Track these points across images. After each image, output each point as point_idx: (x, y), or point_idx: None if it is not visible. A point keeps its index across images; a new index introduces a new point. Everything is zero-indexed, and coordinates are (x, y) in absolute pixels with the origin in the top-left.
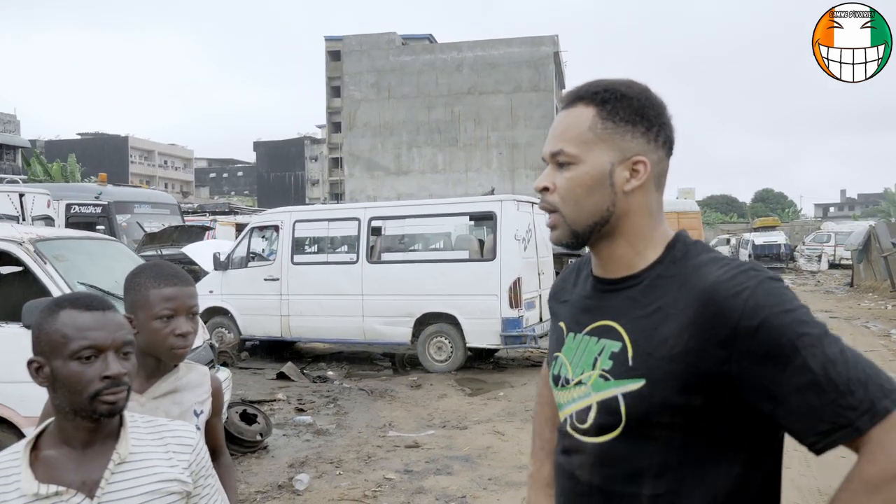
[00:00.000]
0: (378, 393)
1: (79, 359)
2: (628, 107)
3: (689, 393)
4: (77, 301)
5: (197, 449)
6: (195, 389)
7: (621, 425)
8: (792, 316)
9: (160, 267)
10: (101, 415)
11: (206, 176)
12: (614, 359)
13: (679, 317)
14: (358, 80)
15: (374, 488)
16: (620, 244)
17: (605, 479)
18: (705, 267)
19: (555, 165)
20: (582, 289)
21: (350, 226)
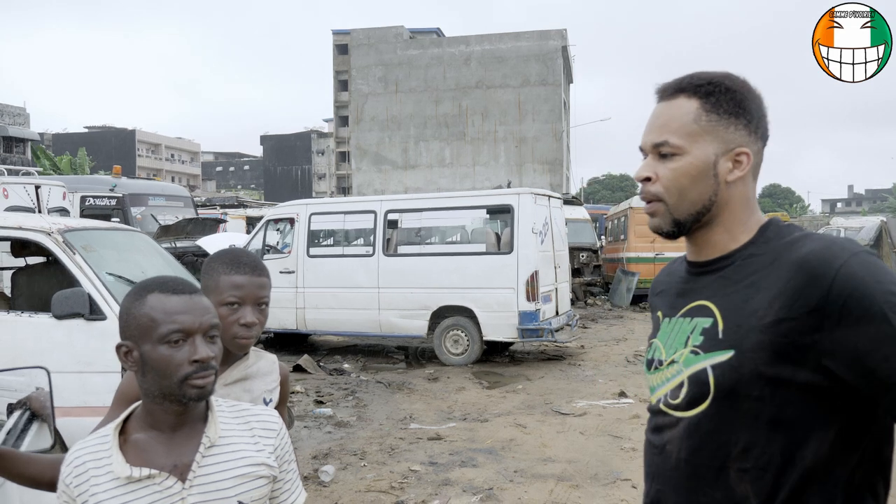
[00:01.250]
0: (396, 385)
1: (168, 342)
2: (731, 100)
3: (778, 363)
4: (164, 285)
5: (281, 434)
6: (265, 377)
7: (710, 397)
8: (884, 287)
9: (236, 254)
10: (190, 399)
11: (212, 170)
12: (705, 334)
13: (770, 288)
14: (365, 74)
15: (401, 480)
16: (718, 231)
17: (692, 452)
18: (799, 242)
19: (656, 156)
20: (676, 276)
21: (366, 219)
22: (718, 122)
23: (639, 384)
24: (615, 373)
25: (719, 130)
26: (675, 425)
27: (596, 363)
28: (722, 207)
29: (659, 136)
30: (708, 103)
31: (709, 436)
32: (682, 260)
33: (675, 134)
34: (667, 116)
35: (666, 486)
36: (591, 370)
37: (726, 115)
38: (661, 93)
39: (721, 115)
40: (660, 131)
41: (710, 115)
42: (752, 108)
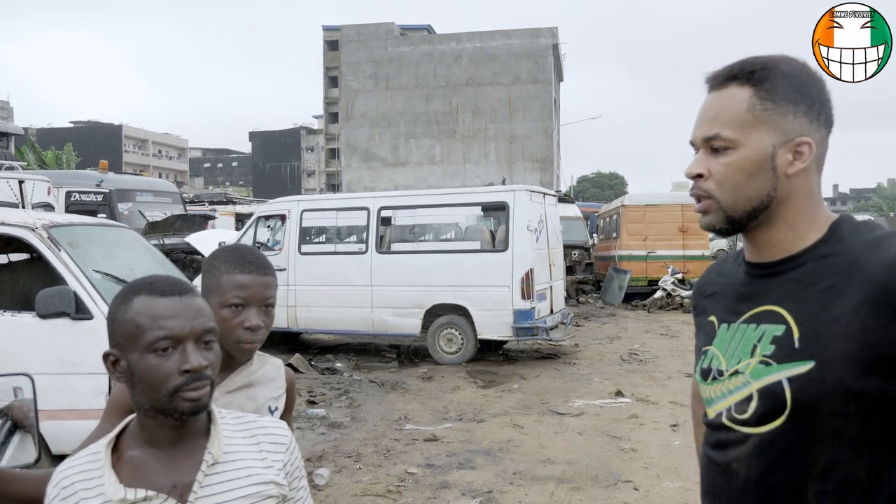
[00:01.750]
0: (390, 385)
1: (155, 351)
2: (788, 85)
3: (865, 376)
4: (153, 286)
5: (290, 448)
6: (270, 384)
7: (786, 412)
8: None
9: (240, 251)
10: (183, 413)
11: (200, 166)
12: (777, 343)
13: (854, 293)
14: (356, 71)
15: (397, 483)
16: (780, 228)
17: (765, 472)
18: (883, 242)
19: (707, 150)
20: (734, 278)
21: (359, 215)
22: (775, 111)
23: (635, 383)
24: (610, 371)
25: (776, 119)
26: (743, 442)
27: (591, 362)
28: (783, 203)
29: (710, 129)
30: (762, 90)
31: (784, 454)
32: (736, 259)
33: (728, 126)
34: (718, 107)
35: None
36: (586, 369)
37: (783, 101)
38: (712, 82)
39: (778, 102)
40: (710, 124)
41: (765, 104)
42: (813, 92)
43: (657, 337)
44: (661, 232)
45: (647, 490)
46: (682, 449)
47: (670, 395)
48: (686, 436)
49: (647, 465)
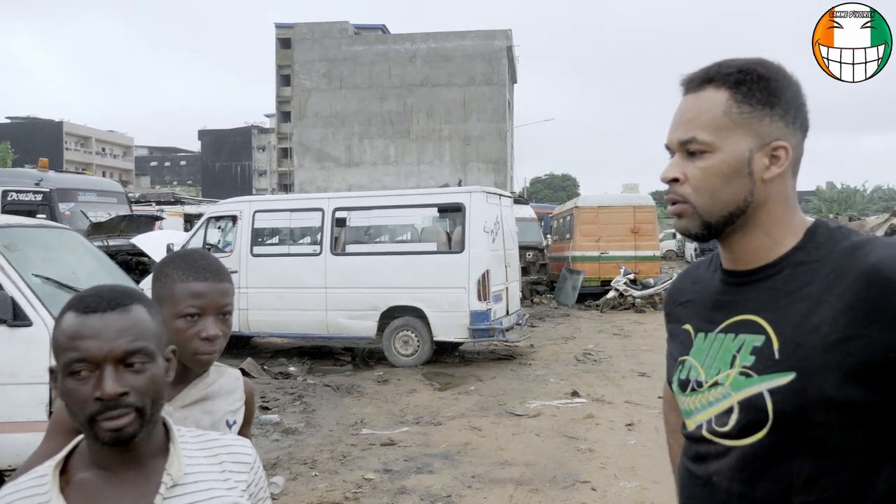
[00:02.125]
0: (345, 389)
1: (72, 374)
2: (765, 88)
3: (847, 385)
4: (80, 301)
5: (255, 468)
6: (227, 396)
7: (768, 424)
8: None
9: (193, 257)
10: (105, 443)
11: (146, 165)
12: (757, 353)
13: (833, 302)
14: (309, 69)
15: (355, 489)
16: (757, 235)
17: (747, 485)
18: (862, 248)
19: (684, 154)
20: (709, 285)
21: (313, 216)
22: (752, 114)
23: (590, 383)
24: (566, 372)
25: (753, 123)
26: (725, 455)
27: (546, 362)
28: (759, 208)
29: (686, 133)
30: (739, 93)
31: (767, 467)
32: (711, 266)
33: (704, 129)
34: (694, 110)
35: None
36: (541, 370)
37: (760, 105)
38: (688, 84)
39: (754, 105)
40: (687, 127)
41: (741, 107)
42: (789, 96)
43: (611, 337)
44: (614, 233)
45: (605, 490)
46: (638, 448)
47: (625, 395)
48: (642, 435)
49: (604, 465)
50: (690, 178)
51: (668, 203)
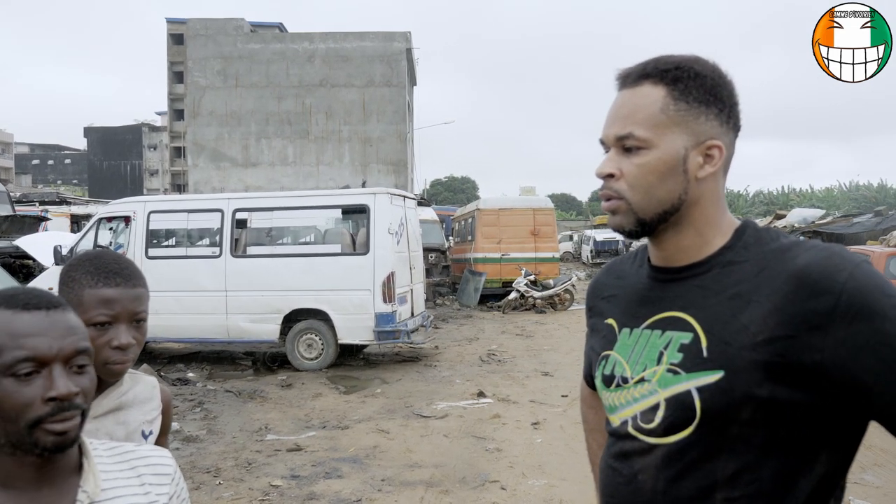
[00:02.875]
0: (247, 394)
1: (14, 375)
2: (702, 86)
3: (773, 384)
4: (13, 299)
5: (176, 479)
6: (142, 405)
7: (695, 422)
8: (893, 300)
9: (103, 260)
10: (45, 449)
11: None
12: (685, 351)
13: (762, 302)
14: (203, 67)
15: (261, 497)
16: (688, 233)
17: (672, 482)
18: (790, 251)
19: (619, 150)
20: (634, 281)
21: (212, 217)
22: (688, 112)
23: (495, 383)
24: (471, 372)
25: (689, 121)
26: (649, 452)
27: (451, 363)
28: (691, 206)
29: (623, 129)
30: (676, 90)
31: (692, 464)
32: (636, 261)
33: (641, 126)
34: (631, 106)
35: None
36: (447, 371)
37: (696, 103)
38: (624, 79)
39: (691, 103)
40: (624, 123)
41: (678, 104)
42: (724, 95)
43: (513, 337)
44: (515, 235)
45: (514, 489)
46: (545, 446)
47: (529, 394)
48: (547, 433)
49: (513, 465)
50: (626, 175)
51: (602, 199)
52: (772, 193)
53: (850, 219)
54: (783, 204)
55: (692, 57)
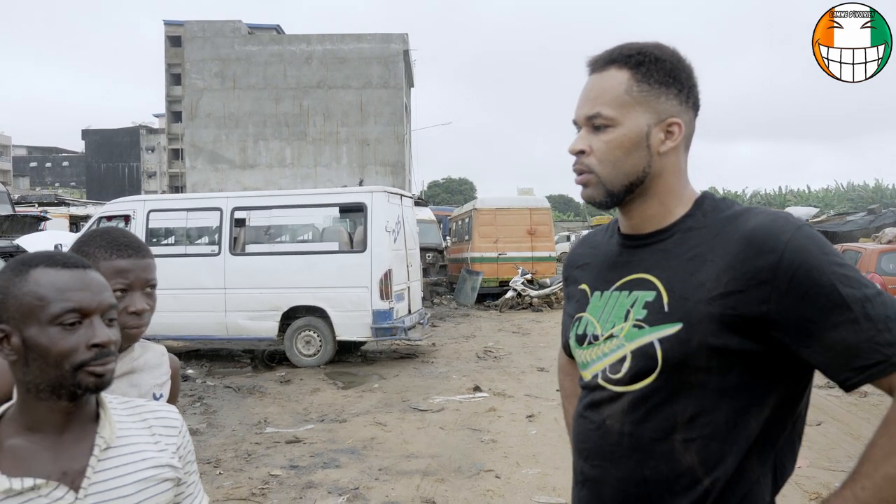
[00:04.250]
0: (246, 390)
1: (60, 324)
2: (662, 69)
3: (726, 334)
4: (52, 258)
5: (182, 431)
6: (153, 370)
7: (657, 370)
8: (831, 258)
9: (113, 234)
10: (87, 389)
11: (25, 165)
12: (648, 307)
13: (717, 262)
14: (200, 69)
15: (261, 486)
16: (653, 203)
17: (636, 425)
18: (742, 216)
19: (590, 129)
20: (606, 249)
21: (211, 216)
22: (650, 93)
23: (491, 378)
24: (468, 368)
25: (651, 101)
26: (617, 399)
27: (448, 360)
28: (655, 179)
29: (592, 109)
30: (639, 73)
31: (655, 408)
32: (607, 232)
33: (608, 106)
34: (599, 88)
35: (605, 462)
36: (444, 367)
37: (657, 84)
38: (593, 65)
39: (652, 84)
40: (593, 103)
41: (641, 86)
42: (683, 77)
43: (510, 335)
44: (511, 235)
45: (509, 477)
46: (539, 438)
47: (525, 389)
48: (542, 425)
49: (507, 455)
50: (595, 151)
51: (575, 173)
52: (769, 194)
53: (843, 217)
54: (780, 204)
55: (654, 43)
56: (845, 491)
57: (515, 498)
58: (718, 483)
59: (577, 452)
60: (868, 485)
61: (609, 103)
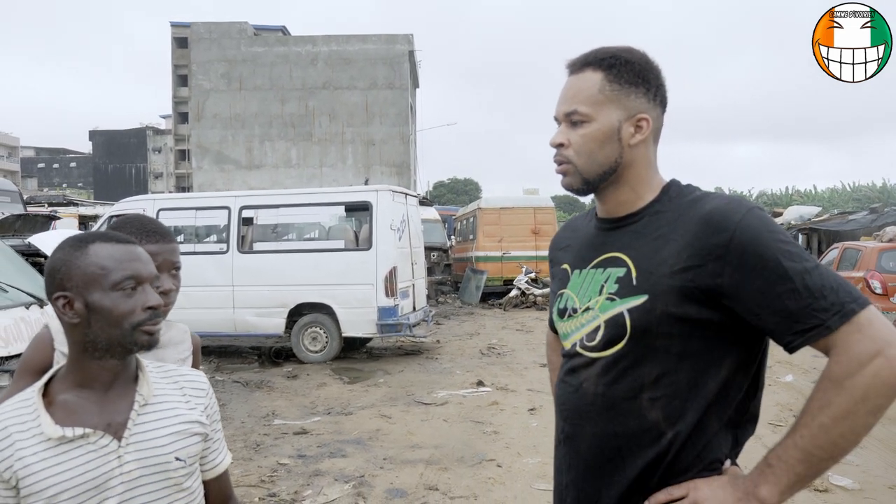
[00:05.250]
0: (254, 384)
1: (121, 290)
2: (631, 70)
3: (686, 304)
4: (106, 236)
5: (210, 394)
6: (177, 346)
7: (626, 337)
8: (776, 236)
9: (142, 221)
10: (141, 346)
11: (33, 166)
12: (619, 282)
13: (678, 240)
14: (207, 70)
15: (270, 473)
16: (625, 190)
17: (608, 386)
18: (701, 200)
19: (568, 124)
20: (585, 232)
21: (219, 215)
22: (620, 91)
23: (494, 374)
24: (471, 364)
25: (622, 99)
26: (592, 365)
27: (452, 356)
28: (627, 168)
29: (570, 106)
30: (611, 74)
31: (624, 371)
32: (587, 217)
33: (584, 103)
34: (576, 88)
35: (581, 420)
36: (448, 363)
37: (627, 84)
38: (571, 67)
39: (623, 84)
40: (570, 102)
41: (612, 85)
42: (651, 77)
43: (513, 332)
44: (516, 234)
45: (510, 466)
46: (540, 429)
47: (527, 384)
48: (543, 418)
49: (509, 445)
50: (573, 143)
51: (556, 164)
52: (775, 194)
53: (846, 216)
54: (786, 204)
55: (625, 47)
56: (787, 440)
57: (516, 485)
58: (680, 436)
59: (558, 414)
60: (806, 433)
61: (584, 101)
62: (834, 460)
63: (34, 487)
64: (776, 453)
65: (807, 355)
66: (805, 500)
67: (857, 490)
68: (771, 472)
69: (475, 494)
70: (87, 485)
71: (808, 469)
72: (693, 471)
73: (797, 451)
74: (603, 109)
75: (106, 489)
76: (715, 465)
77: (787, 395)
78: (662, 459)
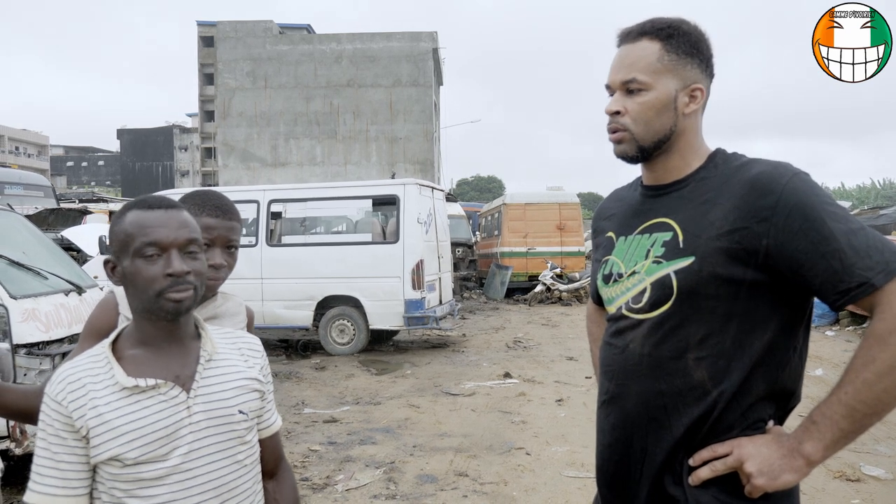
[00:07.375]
0: (283, 375)
1: (143, 256)
2: (688, 41)
3: (732, 265)
4: (142, 201)
5: (263, 355)
6: (233, 317)
7: (672, 297)
8: (821, 198)
9: (207, 195)
10: (167, 312)
11: (62, 165)
12: (666, 245)
13: (725, 204)
14: (233, 68)
15: (302, 459)
16: (675, 157)
17: (655, 346)
18: (747, 165)
19: (624, 92)
20: (630, 201)
21: (249, 208)
22: (678, 62)
23: (521, 366)
24: (498, 357)
25: (678, 69)
26: (638, 326)
27: (478, 349)
28: (679, 136)
29: (627, 74)
30: (669, 45)
31: (671, 331)
32: (633, 186)
33: (643, 72)
34: (633, 57)
35: (627, 380)
36: (474, 356)
37: (684, 55)
38: (625, 36)
39: (680, 55)
40: (628, 70)
41: (670, 55)
42: (704, 48)
43: (539, 327)
44: (541, 229)
45: (538, 454)
46: (568, 420)
47: (554, 376)
48: (571, 409)
49: (537, 434)
50: (630, 111)
51: (609, 132)
52: None
53: (876, 210)
54: None
55: (680, 19)
56: (831, 397)
57: (546, 472)
58: (725, 395)
59: (603, 375)
60: (850, 389)
61: (643, 70)
62: (878, 416)
63: (107, 436)
64: (820, 410)
65: (836, 349)
66: (837, 490)
67: (890, 480)
68: (815, 429)
69: (505, 481)
70: (160, 433)
71: (853, 424)
72: (737, 429)
73: (841, 406)
74: (661, 78)
75: (176, 438)
76: (759, 425)
77: (817, 388)
78: (707, 418)
